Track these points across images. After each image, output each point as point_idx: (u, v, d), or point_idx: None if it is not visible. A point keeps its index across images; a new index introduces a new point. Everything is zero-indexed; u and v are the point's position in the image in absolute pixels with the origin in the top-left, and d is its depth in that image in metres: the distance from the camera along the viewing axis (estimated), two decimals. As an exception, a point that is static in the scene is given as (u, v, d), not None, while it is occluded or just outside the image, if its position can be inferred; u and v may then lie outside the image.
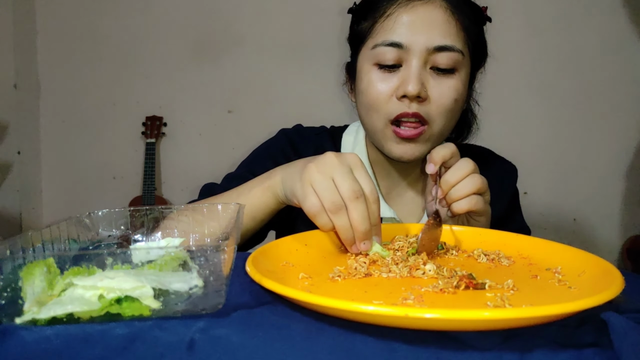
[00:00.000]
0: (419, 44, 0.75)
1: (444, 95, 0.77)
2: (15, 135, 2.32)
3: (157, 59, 2.39)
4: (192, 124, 2.41)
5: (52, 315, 0.41)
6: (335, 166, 0.61)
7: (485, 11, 0.86)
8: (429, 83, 0.77)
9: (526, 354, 0.39)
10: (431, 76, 0.77)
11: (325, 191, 0.60)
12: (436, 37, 0.75)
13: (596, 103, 2.21)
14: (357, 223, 0.60)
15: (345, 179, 0.60)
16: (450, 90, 0.77)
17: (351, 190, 0.59)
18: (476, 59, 0.84)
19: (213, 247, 0.44)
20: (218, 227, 0.61)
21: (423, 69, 0.76)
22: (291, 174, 0.67)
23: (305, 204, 0.61)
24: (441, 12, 0.77)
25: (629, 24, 2.16)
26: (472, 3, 0.83)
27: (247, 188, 0.75)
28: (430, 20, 0.76)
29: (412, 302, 0.47)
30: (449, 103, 0.78)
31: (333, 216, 0.60)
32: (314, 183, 0.61)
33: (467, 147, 0.97)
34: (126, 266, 0.46)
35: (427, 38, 0.75)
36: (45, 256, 0.43)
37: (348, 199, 0.59)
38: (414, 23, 0.76)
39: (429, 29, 0.76)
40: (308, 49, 2.31)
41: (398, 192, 0.91)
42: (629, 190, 2.23)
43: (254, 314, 0.45)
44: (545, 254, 0.63)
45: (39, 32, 2.42)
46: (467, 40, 0.79)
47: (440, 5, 0.77)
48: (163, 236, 0.60)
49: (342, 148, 0.94)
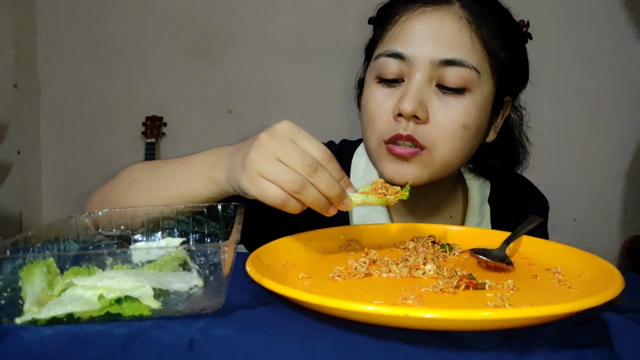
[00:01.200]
0: (423, 56, 0.66)
1: (448, 119, 0.67)
2: (15, 135, 2.32)
3: (157, 59, 2.38)
4: (192, 124, 2.41)
5: (52, 315, 0.41)
6: (276, 146, 0.54)
7: (526, 27, 0.76)
8: (433, 103, 0.67)
9: (526, 354, 0.39)
10: (436, 94, 0.67)
11: (280, 175, 0.53)
12: (443, 49, 0.66)
13: (596, 103, 2.21)
14: (328, 192, 0.54)
15: (293, 155, 0.53)
16: (457, 113, 0.66)
17: (305, 164, 0.53)
18: (506, 82, 0.72)
19: (213, 247, 0.44)
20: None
21: (427, 86, 0.67)
22: (233, 171, 0.59)
23: (268, 198, 0.54)
24: (454, 21, 0.67)
25: (629, 24, 2.16)
26: (504, 15, 0.72)
27: (184, 173, 0.65)
28: (439, 29, 0.66)
29: (412, 302, 0.47)
30: (455, 128, 0.67)
31: (300, 195, 0.53)
32: (264, 173, 0.54)
33: (502, 176, 0.87)
34: (126, 266, 0.46)
35: (432, 49, 0.66)
36: (45, 256, 0.43)
37: (307, 175, 0.53)
38: (420, 32, 0.67)
39: (437, 39, 0.66)
40: (308, 48, 2.31)
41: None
42: (629, 190, 2.23)
43: (254, 314, 0.45)
44: (545, 254, 0.63)
45: (39, 32, 2.42)
46: (488, 57, 0.68)
47: (455, 13, 0.67)
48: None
49: (352, 170, 0.83)
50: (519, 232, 0.67)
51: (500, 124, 0.78)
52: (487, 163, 0.85)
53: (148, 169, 0.72)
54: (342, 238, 0.70)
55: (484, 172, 0.85)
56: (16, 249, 0.46)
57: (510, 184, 0.87)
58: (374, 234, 0.72)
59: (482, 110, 0.69)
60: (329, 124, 2.08)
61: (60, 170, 2.48)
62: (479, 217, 0.82)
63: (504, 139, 0.81)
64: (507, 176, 0.88)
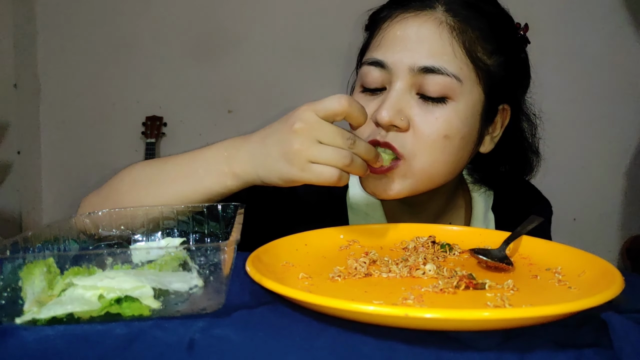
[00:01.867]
0: (402, 63, 0.65)
1: (429, 128, 0.65)
2: (15, 135, 2.32)
3: (157, 59, 2.38)
4: (192, 124, 2.41)
5: (52, 315, 0.41)
6: (314, 131, 0.56)
7: (523, 30, 0.74)
8: (413, 110, 0.65)
9: (526, 354, 0.39)
10: (417, 103, 0.66)
11: (331, 157, 0.55)
12: (421, 56, 0.64)
13: (596, 103, 2.21)
14: (368, 156, 0.58)
15: (333, 134, 0.56)
16: (437, 123, 0.65)
17: (345, 139, 0.56)
18: (499, 89, 0.70)
19: (213, 247, 0.44)
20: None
21: (407, 94, 0.65)
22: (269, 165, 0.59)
23: (325, 180, 0.56)
24: (434, 26, 0.65)
25: (629, 24, 2.16)
26: (496, 18, 0.69)
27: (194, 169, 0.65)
28: (418, 35, 0.65)
29: (412, 302, 0.47)
30: (435, 138, 0.65)
31: (350, 167, 0.56)
32: (315, 159, 0.56)
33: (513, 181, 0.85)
34: (126, 266, 0.46)
35: (411, 56, 0.64)
36: (45, 256, 0.43)
37: (350, 147, 0.56)
38: (401, 39, 0.65)
39: (415, 45, 0.64)
40: (308, 48, 2.31)
41: None
42: (629, 190, 2.23)
43: (254, 314, 0.45)
44: (545, 254, 0.63)
45: (39, 32, 2.42)
46: (472, 64, 0.66)
47: (436, 18, 0.65)
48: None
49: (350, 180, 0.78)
50: (519, 232, 0.67)
51: (500, 133, 0.74)
52: (494, 173, 0.82)
53: (152, 166, 0.71)
54: (342, 238, 0.70)
55: (489, 182, 0.83)
56: (16, 249, 0.46)
57: (514, 191, 0.85)
58: (374, 234, 0.72)
59: (466, 119, 0.67)
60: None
61: (60, 170, 2.47)
62: (484, 226, 0.81)
63: (512, 148, 0.78)
64: (511, 183, 0.86)
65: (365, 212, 0.79)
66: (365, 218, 0.79)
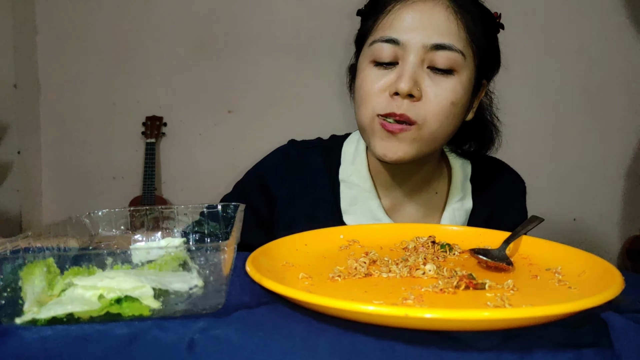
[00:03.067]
0: (416, 41, 0.74)
1: (439, 96, 0.74)
2: (15, 135, 2.32)
3: (157, 59, 2.38)
4: (192, 124, 2.41)
5: (52, 315, 0.41)
6: None
7: (498, 18, 0.83)
8: (425, 82, 0.75)
9: (526, 354, 0.39)
10: (428, 75, 0.75)
11: None
12: (434, 35, 0.74)
13: (596, 103, 2.21)
14: None
15: None
16: (447, 92, 0.74)
17: None
18: (484, 66, 0.81)
19: (213, 247, 0.44)
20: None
21: (419, 68, 0.74)
22: None
23: None
24: (442, 9, 0.75)
25: (629, 24, 2.16)
26: (482, 7, 0.80)
27: None
28: (430, 17, 0.74)
29: (412, 302, 0.47)
30: (445, 104, 0.75)
31: None
32: None
33: (481, 158, 0.94)
34: (126, 266, 0.46)
35: (424, 35, 0.74)
36: (45, 256, 0.43)
37: None
38: (412, 19, 0.75)
39: (428, 26, 0.74)
40: (308, 48, 2.31)
41: (399, 206, 0.88)
42: (629, 190, 2.23)
43: (254, 314, 0.45)
44: (545, 254, 0.63)
45: (39, 32, 2.42)
46: (471, 43, 0.77)
47: (442, 3, 0.76)
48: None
49: (342, 158, 0.90)
50: (519, 232, 0.67)
51: (476, 105, 0.85)
52: (464, 143, 0.92)
53: None
54: (342, 238, 0.70)
55: (463, 153, 0.93)
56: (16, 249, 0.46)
57: (489, 165, 0.94)
58: (374, 234, 0.72)
59: (466, 89, 0.77)
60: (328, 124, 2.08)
61: (60, 170, 2.47)
62: (462, 193, 0.89)
63: (478, 119, 0.89)
64: (486, 158, 0.95)
65: (357, 185, 0.87)
66: (357, 191, 0.86)
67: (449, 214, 0.87)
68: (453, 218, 0.86)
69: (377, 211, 0.85)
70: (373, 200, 0.86)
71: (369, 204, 0.85)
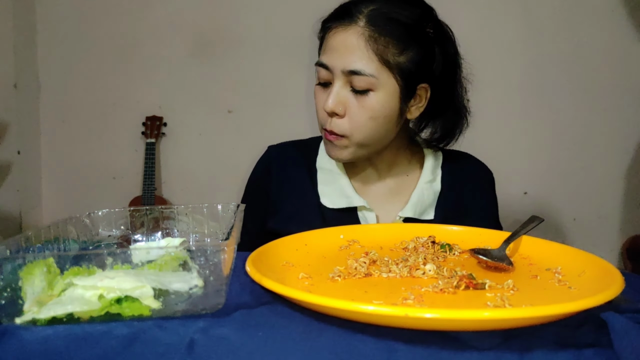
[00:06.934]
0: (337, 67, 0.84)
1: (358, 114, 0.84)
2: (15, 135, 2.32)
3: (157, 59, 2.38)
4: (192, 124, 2.40)
5: (52, 315, 0.41)
6: None
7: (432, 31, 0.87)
8: (349, 101, 0.85)
9: (526, 354, 0.39)
10: (352, 94, 0.85)
11: None
12: (348, 62, 0.83)
13: (596, 103, 2.21)
14: None
15: None
16: (364, 109, 0.84)
17: None
18: (414, 76, 0.86)
19: (213, 247, 0.44)
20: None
21: (344, 89, 0.85)
22: None
23: None
24: (354, 38, 0.83)
25: (629, 24, 2.16)
26: (410, 24, 0.84)
27: None
28: (345, 45, 0.84)
29: (412, 302, 0.47)
30: (363, 120, 0.84)
31: None
32: None
33: (448, 152, 1.02)
34: (126, 266, 0.46)
35: (342, 62, 0.83)
36: (45, 256, 0.43)
37: None
38: (335, 47, 0.85)
39: (344, 54, 0.83)
40: (308, 48, 2.30)
41: (370, 185, 0.98)
42: (629, 190, 2.23)
43: (254, 314, 0.45)
44: (545, 254, 0.63)
45: (39, 32, 2.41)
46: (385, 64, 0.83)
47: (356, 31, 0.83)
48: None
49: (319, 150, 1.01)
50: (519, 232, 0.67)
51: (425, 103, 0.92)
52: (425, 130, 1.01)
53: None
54: (342, 238, 0.70)
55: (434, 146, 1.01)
56: (16, 249, 0.46)
57: (459, 156, 1.03)
58: (374, 234, 0.72)
59: (386, 103, 0.85)
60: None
61: (60, 170, 2.47)
62: (432, 176, 0.97)
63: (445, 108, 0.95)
64: (457, 152, 1.04)
65: (330, 170, 0.98)
66: (330, 174, 0.98)
67: (418, 192, 0.95)
68: (422, 196, 0.94)
69: (347, 189, 0.95)
70: (343, 179, 0.96)
71: (340, 183, 0.96)
